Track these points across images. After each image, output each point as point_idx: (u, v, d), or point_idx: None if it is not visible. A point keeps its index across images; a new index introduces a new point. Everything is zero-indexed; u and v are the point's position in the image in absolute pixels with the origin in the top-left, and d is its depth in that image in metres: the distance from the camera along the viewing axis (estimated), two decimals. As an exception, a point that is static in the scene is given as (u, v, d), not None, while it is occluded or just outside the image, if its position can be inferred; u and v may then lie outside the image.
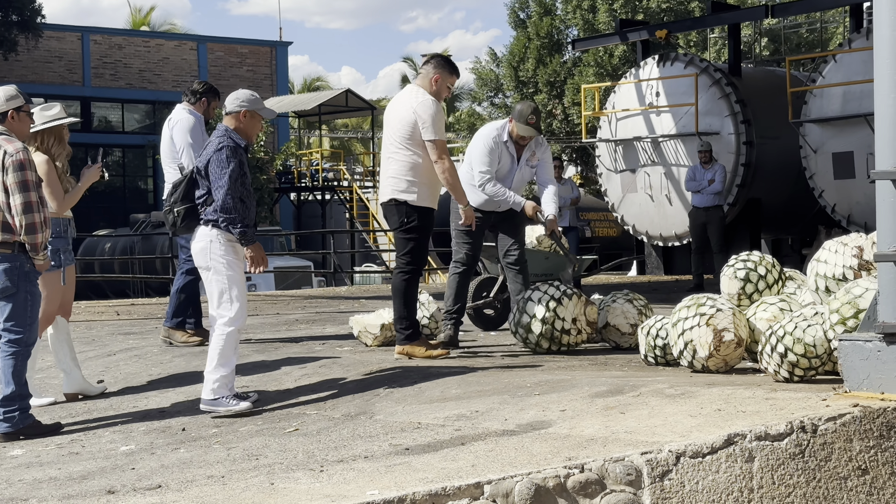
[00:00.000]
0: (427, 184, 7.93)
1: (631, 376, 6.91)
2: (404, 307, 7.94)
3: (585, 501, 4.62)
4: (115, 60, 40.82)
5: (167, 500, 4.61)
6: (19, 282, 6.30)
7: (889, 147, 5.91)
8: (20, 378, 6.31)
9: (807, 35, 36.29)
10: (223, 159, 6.63)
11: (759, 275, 7.58)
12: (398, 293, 7.95)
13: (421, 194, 7.91)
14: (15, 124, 6.50)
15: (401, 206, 7.92)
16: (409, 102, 7.95)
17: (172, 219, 6.83)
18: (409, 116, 7.88)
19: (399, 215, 7.93)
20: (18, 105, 6.52)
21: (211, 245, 6.67)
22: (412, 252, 7.94)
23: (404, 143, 7.90)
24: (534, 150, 8.84)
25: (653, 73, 19.84)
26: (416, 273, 8.00)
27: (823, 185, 17.86)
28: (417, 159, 7.89)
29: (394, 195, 7.93)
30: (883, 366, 5.83)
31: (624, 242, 26.17)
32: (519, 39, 38.99)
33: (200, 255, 6.72)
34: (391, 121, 8.06)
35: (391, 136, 8.02)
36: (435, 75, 8.01)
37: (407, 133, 7.89)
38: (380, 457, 5.17)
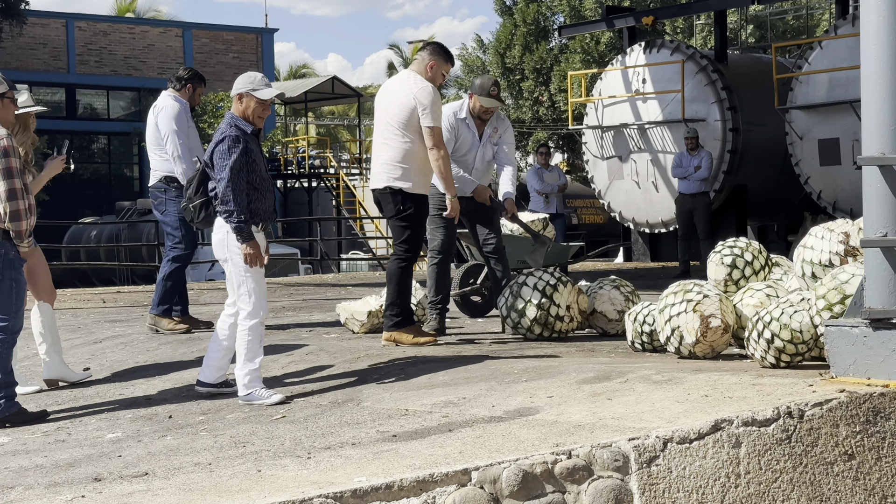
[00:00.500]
0: (421, 171, 7.93)
1: (618, 362, 6.92)
2: (398, 293, 7.93)
3: (573, 487, 4.63)
4: (100, 47, 40.64)
5: (154, 488, 4.59)
6: (4, 269, 6.26)
7: (875, 133, 5.92)
8: (5, 366, 6.29)
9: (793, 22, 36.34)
10: (224, 151, 6.48)
11: (745, 261, 7.59)
12: (393, 279, 7.94)
13: (416, 182, 7.90)
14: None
15: (396, 193, 7.90)
16: (408, 88, 7.91)
17: (190, 214, 6.74)
18: (408, 102, 7.86)
19: (395, 203, 7.91)
20: (2, 92, 6.47)
21: (228, 237, 6.52)
22: (409, 239, 7.94)
23: (400, 130, 7.87)
24: (496, 126, 8.75)
25: (639, 59, 19.84)
26: (413, 260, 8.00)
27: (809, 172, 17.90)
28: (412, 146, 7.87)
29: (389, 183, 7.91)
30: (869, 351, 5.84)
31: (610, 229, 26.23)
32: (505, 26, 38.95)
33: (218, 246, 6.61)
34: (386, 106, 7.99)
35: (386, 122, 7.96)
36: (430, 62, 8.00)
37: (404, 119, 7.86)
38: (367, 443, 5.16)
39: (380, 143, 8.02)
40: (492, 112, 8.64)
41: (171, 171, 9.12)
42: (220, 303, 11.96)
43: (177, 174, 9.07)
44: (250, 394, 6.45)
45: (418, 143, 7.86)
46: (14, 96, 6.60)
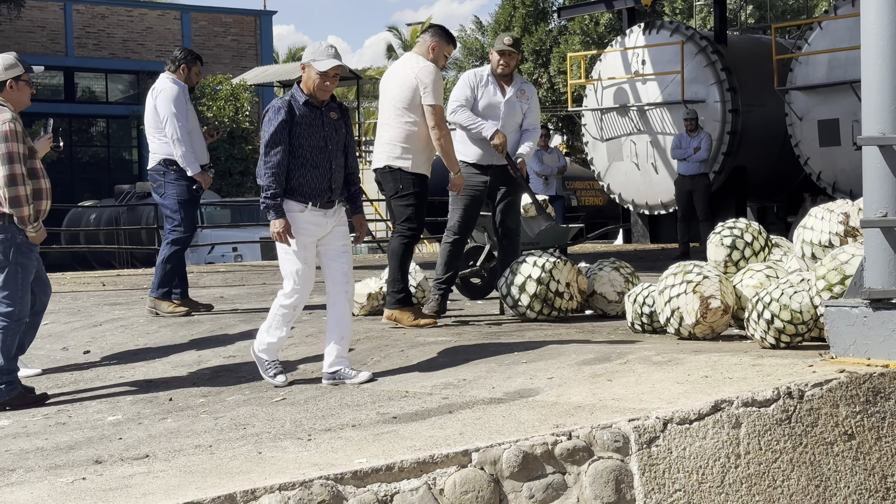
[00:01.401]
0: (422, 150, 7.94)
1: (618, 344, 6.93)
2: (399, 271, 7.95)
3: (573, 468, 4.63)
4: (99, 30, 40.50)
5: (155, 470, 4.60)
6: (10, 254, 6.24)
7: (876, 113, 5.90)
8: (8, 352, 6.27)
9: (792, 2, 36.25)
10: (264, 123, 6.27)
11: (745, 242, 7.58)
12: (395, 257, 7.95)
13: (416, 161, 7.91)
14: (13, 94, 6.40)
15: (395, 172, 7.92)
16: (409, 69, 7.95)
17: None
18: (410, 81, 7.88)
19: (394, 182, 7.93)
20: (18, 74, 6.41)
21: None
22: (411, 218, 7.95)
23: (402, 110, 7.89)
24: (522, 88, 8.74)
25: (638, 41, 19.78)
26: (416, 239, 8.02)
27: (809, 153, 17.87)
28: (413, 127, 7.88)
29: (388, 161, 7.94)
30: (869, 331, 5.85)
31: (610, 211, 26.18)
32: (504, 8, 38.84)
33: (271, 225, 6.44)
34: (389, 87, 8.04)
35: (389, 103, 8.00)
36: (432, 43, 8.02)
37: (406, 98, 7.87)
38: (367, 425, 5.17)
39: (382, 124, 8.05)
40: (512, 65, 8.58)
41: (170, 154, 9.10)
42: (219, 286, 11.97)
43: (176, 157, 9.05)
44: (260, 359, 6.48)
45: (420, 122, 7.88)
46: (29, 78, 6.51)
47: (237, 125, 35.38)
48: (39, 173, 6.37)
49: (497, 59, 8.56)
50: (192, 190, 9.15)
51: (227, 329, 8.43)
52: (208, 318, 9.02)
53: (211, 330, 8.42)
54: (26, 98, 6.51)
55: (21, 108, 6.45)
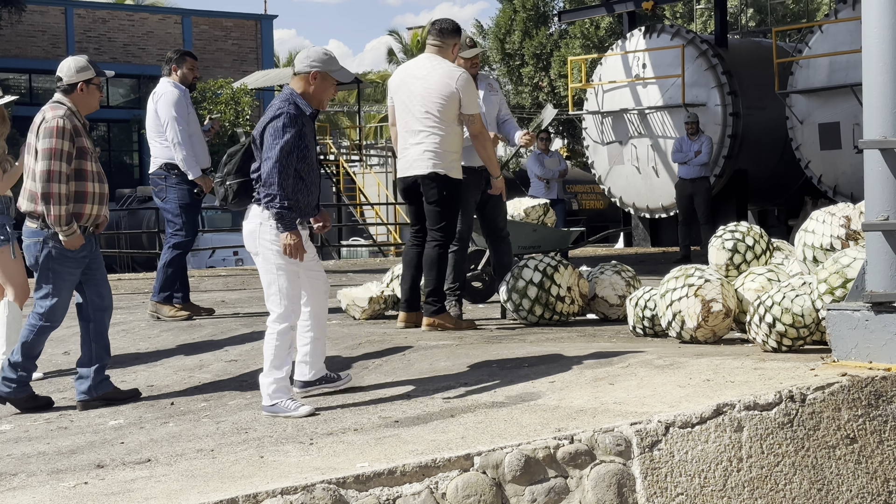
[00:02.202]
0: (458, 158, 8.01)
1: (620, 347, 6.92)
2: (438, 279, 7.96)
3: (575, 472, 4.63)
4: (100, 34, 40.55)
5: (157, 474, 4.60)
6: (41, 257, 6.21)
7: (877, 116, 5.90)
8: (31, 351, 6.25)
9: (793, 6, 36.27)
10: (279, 128, 5.74)
11: (746, 245, 7.58)
12: (432, 264, 7.95)
13: (455, 168, 7.96)
14: (83, 97, 6.35)
15: (441, 179, 7.91)
16: (445, 77, 7.84)
17: (224, 192, 6.01)
18: (450, 91, 7.81)
19: (438, 189, 7.91)
20: (89, 77, 6.36)
21: (261, 228, 5.81)
22: (447, 225, 7.97)
23: (440, 117, 7.84)
24: (489, 82, 8.86)
25: (639, 44, 19.79)
26: (448, 245, 8.03)
27: (810, 156, 17.87)
28: (451, 134, 7.90)
29: (434, 169, 7.89)
30: (871, 335, 5.84)
31: (611, 215, 26.19)
32: (505, 11, 38.86)
33: (249, 238, 5.87)
34: (419, 93, 7.89)
35: (421, 110, 7.88)
36: (454, 42, 8.03)
37: (443, 107, 7.83)
38: (369, 429, 5.17)
39: (416, 131, 7.91)
40: (477, 65, 8.64)
41: (171, 158, 9.11)
42: (220, 290, 11.98)
43: (177, 161, 9.06)
44: (275, 405, 5.68)
45: (454, 129, 7.90)
46: (100, 82, 6.45)
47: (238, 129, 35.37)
48: (89, 176, 6.26)
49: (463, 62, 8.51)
50: (194, 194, 9.15)
51: (229, 333, 8.43)
52: (210, 322, 9.02)
53: (212, 334, 8.42)
54: (95, 102, 6.43)
55: (89, 111, 6.39)
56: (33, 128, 6.25)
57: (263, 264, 5.84)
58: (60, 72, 6.38)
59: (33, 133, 6.24)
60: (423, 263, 8.00)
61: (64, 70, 6.37)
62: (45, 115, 6.24)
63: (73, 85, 6.34)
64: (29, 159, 6.27)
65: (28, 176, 6.28)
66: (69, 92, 6.35)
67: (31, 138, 6.26)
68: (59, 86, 6.39)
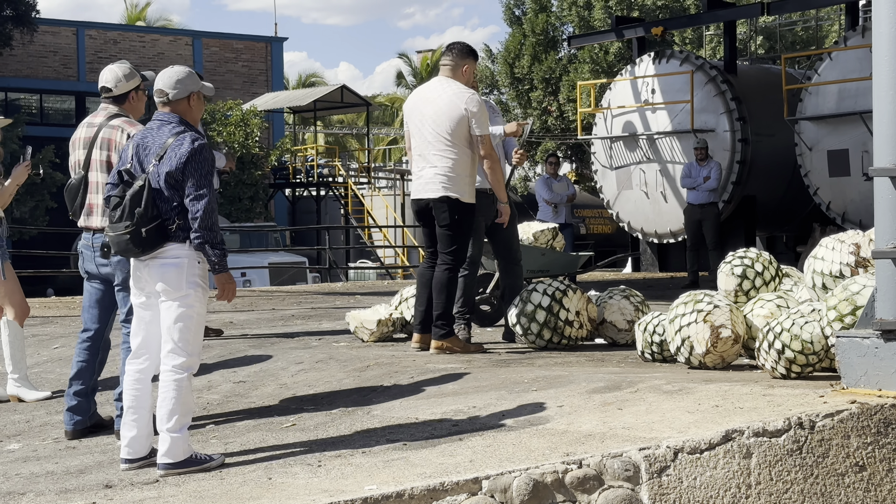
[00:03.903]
0: (471, 181, 8.02)
1: (628, 372, 6.92)
2: (447, 302, 7.96)
3: (584, 497, 4.62)
4: (111, 55, 40.70)
5: (165, 495, 4.60)
6: None
7: (888, 144, 5.91)
8: None
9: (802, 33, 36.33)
10: (204, 161, 5.24)
11: (756, 271, 7.58)
12: (442, 288, 7.95)
13: (467, 192, 7.99)
14: (135, 104, 6.30)
15: (453, 203, 7.93)
16: (456, 98, 7.89)
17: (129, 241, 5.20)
18: (459, 113, 7.86)
19: (451, 212, 7.93)
20: (138, 84, 6.30)
21: (188, 269, 5.25)
22: (458, 249, 7.99)
23: (451, 140, 7.88)
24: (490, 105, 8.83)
25: (648, 70, 19.84)
26: (458, 268, 8.06)
27: (818, 183, 17.88)
28: (462, 156, 7.92)
29: (447, 192, 7.92)
30: (880, 362, 5.83)
31: (619, 239, 26.20)
32: (514, 36, 38.97)
33: (173, 279, 5.23)
34: (430, 115, 7.94)
35: (432, 132, 7.93)
36: (465, 65, 8.07)
37: (454, 129, 7.87)
38: (377, 452, 5.16)
39: (429, 154, 7.95)
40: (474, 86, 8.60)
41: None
42: (228, 311, 11.99)
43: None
44: (187, 460, 5.12)
45: (466, 151, 7.93)
46: (145, 88, 6.35)
47: (247, 150, 35.49)
48: None
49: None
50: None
51: (237, 354, 8.44)
52: (218, 343, 9.03)
53: (220, 355, 8.43)
54: (143, 107, 6.37)
55: (138, 118, 6.30)
56: (113, 145, 6.12)
57: (181, 308, 5.22)
58: (107, 81, 6.24)
59: (116, 151, 6.09)
60: (433, 286, 8.01)
61: (111, 79, 6.24)
62: (127, 132, 6.10)
63: (124, 94, 6.27)
64: (104, 176, 6.11)
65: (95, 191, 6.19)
66: (121, 101, 6.26)
67: (112, 156, 6.11)
68: (109, 95, 6.26)
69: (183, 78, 5.43)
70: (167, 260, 5.24)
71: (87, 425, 6.13)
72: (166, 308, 5.23)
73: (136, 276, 5.36)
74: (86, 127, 6.32)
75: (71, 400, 6.15)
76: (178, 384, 5.18)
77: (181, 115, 5.42)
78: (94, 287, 6.27)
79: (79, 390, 6.16)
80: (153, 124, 5.42)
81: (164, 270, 5.23)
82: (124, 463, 5.25)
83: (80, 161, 6.26)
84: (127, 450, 5.26)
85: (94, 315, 6.28)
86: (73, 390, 6.16)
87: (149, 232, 5.19)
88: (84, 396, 6.16)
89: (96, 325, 6.28)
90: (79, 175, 6.25)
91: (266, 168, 37.81)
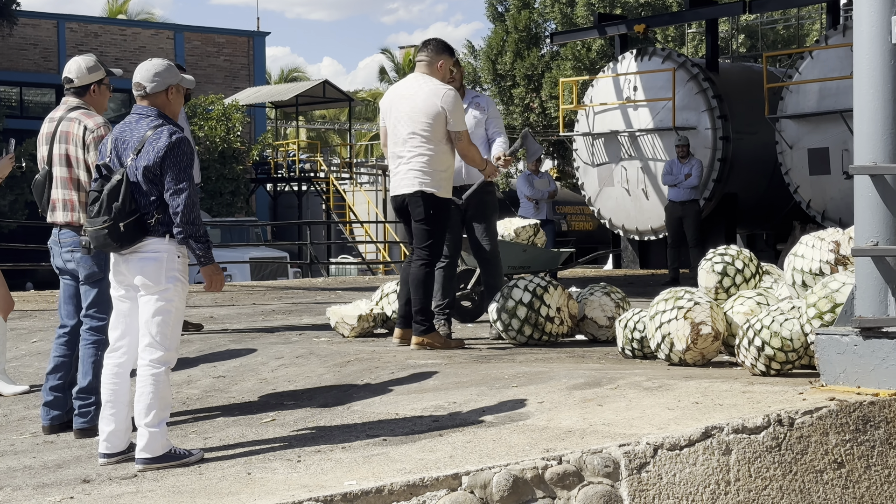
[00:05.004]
0: (448, 177, 8.02)
1: (608, 369, 6.92)
2: (425, 298, 7.96)
3: (563, 493, 4.62)
4: (92, 48, 40.51)
5: (143, 489, 4.58)
6: (106, 267, 5.73)
7: (867, 142, 5.93)
8: (100, 369, 5.72)
9: (783, 31, 36.46)
10: (183, 155, 5.20)
11: (736, 269, 7.60)
12: (420, 284, 7.95)
13: (443, 187, 7.98)
14: (96, 98, 6.25)
15: (428, 197, 7.92)
16: (432, 95, 7.88)
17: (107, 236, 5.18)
18: (435, 109, 7.85)
19: (425, 207, 7.93)
20: (101, 78, 6.26)
21: (167, 262, 5.22)
22: (433, 244, 7.98)
23: (427, 136, 7.88)
24: (474, 100, 8.73)
25: (630, 67, 19.86)
26: (434, 264, 8.05)
27: (799, 181, 17.94)
28: (438, 152, 7.92)
29: (421, 187, 7.92)
30: (859, 360, 5.86)
31: (600, 236, 26.22)
32: (497, 32, 38.95)
33: (152, 273, 5.21)
34: (407, 111, 7.95)
35: (408, 128, 7.93)
36: (440, 60, 8.05)
37: (430, 124, 7.87)
38: (357, 447, 5.16)
39: (404, 149, 7.97)
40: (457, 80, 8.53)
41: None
42: (209, 305, 11.95)
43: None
44: (165, 455, 5.10)
45: (443, 147, 7.93)
46: (109, 82, 6.32)
47: (228, 145, 35.39)
48: None
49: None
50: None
51: (217, 349, 8.42)
52: (198, 337, 9.00)
53: (200, 350, 8.40)
54: (106, 103, 6.32)
55: (101, 112, 6.25)
56: (70, 138, 6.10)
57: (161, 302, 5.19)
58: (70, 73, 6.22)
59: (74, 144, 6.08)
60: (410, 283, 8.01)
61: (74, 70, 6.21)
62: (84, 123, 6.09)
63: (85, 87, 6.23)
64: (65, 171, 6.12)
65: (69, 187, 6.15)
66: (81, 94, 6.23)
67: (70, 149, 6.10)
68: (71, 87, 6.23)
69: (161, 71, 5.40)
70: (146, 254, 5.22)
71: (64, 420, 6.08)
72: (145, 302, 5.21)
73: (116, 270, 5.34)
74: (48, 122, 6.29)
75: (48, 395, 6.11)
76: (155, 378, 5.16)
77: (159, 109, 5.38)
78: (66, 282, 6.24)
79: (56, 385, 6.11)
80: (131, 118, 5.39)
81: (144, 265, 5.21)
82: (102, 457, 5.23)
83: (44, 157, 6.23)
84: (105, 444, 5.24)
85: (70, 310, 6.24)
86: (50, 385, 6.12)
87: (127, 226, 5.16)
88: (61, 391, 6.12)
89: (73, 321, 6.22)
90: (44, 171, 6.22)
91: (247, 163, 37.70)
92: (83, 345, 5.99)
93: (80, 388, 5.92)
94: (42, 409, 6.14)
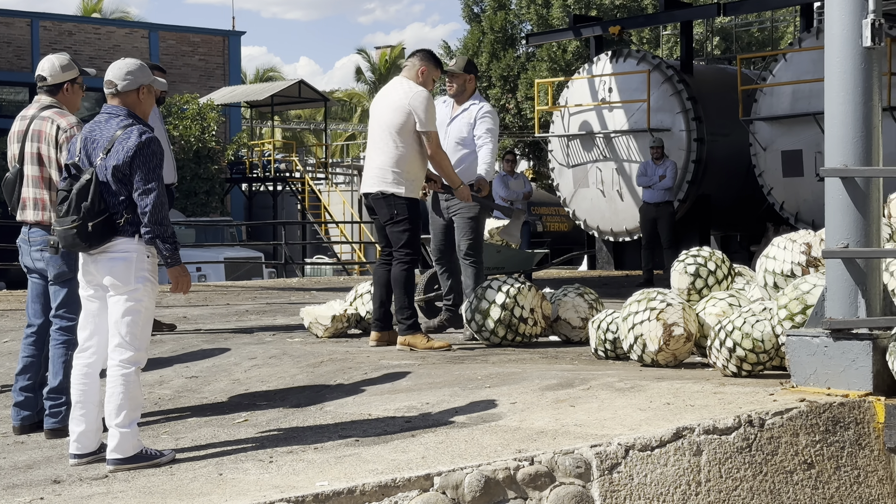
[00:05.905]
0: (414, 175, 8.02)
1: (581, 370, 6.94)
2: (406, 298, 7.97)
3: (535, 494, 4.63)
4: (66, 47, 40.27)
5: (114, 490, 4.56)
6: (75, 266, 5.62)
7: (838, 145, 5.97)
8: (70, 369, 5.62)
9: (758, 34, 36.63)
10: (152, 155, 5.15)
11: (708, 270, 7.64)
12: (400, 284, 7.98)
13: (408, 187, 7.98)
14: (69, 97, 6.21)
15: (389, 198, 7.94)
16: (402, 94, 7.97)
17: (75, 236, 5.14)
18: (403, 107, 7.91)
19: (388, 208, 7.95)
20: (74, 76, 6.22)
21: (136, 263, 5.18)
22: (408, 243, 8.00)
23: (394, 135, 7.93)
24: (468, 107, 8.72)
25: (606, 68, 19.91)
26: (415, 263, 8.07)
27: (772, 183, 18.02)
28: (405, 151, 7.93)
29: (382, 187, 7.95)
30: (829, 361, 5.89)
31: (575, 237, 26.27)
32: (473, 33, 38.97)
33: (121, 273, 5.17)
34: (380, 111, 8.07)
35: (380, 127, 8.03)
36: (421, 67, 8.09)
37: (398, 123, 7.91)
38: (329, 448, 5.15)
39: (374, 148, 8.07)
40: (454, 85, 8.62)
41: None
42: (182, 305, 11.91)
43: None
44: (137, 455, 5.06)
45: (412, 148, 7.94)
46: (82, 81, 6.28)
47: (203, 144, 35.27)
48: None
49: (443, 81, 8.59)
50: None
51: (190, 349, 8.39)
52: (171, 337, 8.97)
53: (173, 350, 8.37)
54: (79, 102, 6.29)
55: (73, 111, 6.22)
56: (43, 136, 6.07)
57: (129, 302, 5.15)
58: (43, 71, 6.18)
59: (46, 143, 6.05)
60: (392, 284, 8.03)
61: (47, 68, 6.18)
62: (56, 123, 6.06)
63: (58, 85, 6.20)
64: (36, 169, 6.09)
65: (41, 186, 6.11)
66: (54, 92, 6.20)
67: (42, 148, 6.07)
68: (44, 86, 6.20)
69: (133, 70, 5.38)
70: (116, 254, 5.19)
71: (34, 420, 6.05)
72: (114, 302, 5.19)
73: (85, 270, 5.32)
74: (20, 120, 6.26)
75: (18, 395, 6.07)
76: (125, 379, 5.13)
77: (130, 108, 5.35)
78: (35, 281, 6.21)
79: (25, 385, 6.07)
80: (101, 117, 5.36)
81: (113, 265, 5.19)
82: (73, 458, 5.20)
83: (15, 155, 6.20)
84: (76, 445, 5.22)
85: (38, 309, 6.20)
86: (20, 385, 6.08)
87: (95, 226, 5.14)
88: (31, 391, 6.07)
89: (40, 320, 6.18)
90: (15, 169, 6.18)
91: (222, 162, 37.58)
92: (53, 345, 5.95)
93: (50, 388, 5.89)
94: (13, 410, 6.10)
